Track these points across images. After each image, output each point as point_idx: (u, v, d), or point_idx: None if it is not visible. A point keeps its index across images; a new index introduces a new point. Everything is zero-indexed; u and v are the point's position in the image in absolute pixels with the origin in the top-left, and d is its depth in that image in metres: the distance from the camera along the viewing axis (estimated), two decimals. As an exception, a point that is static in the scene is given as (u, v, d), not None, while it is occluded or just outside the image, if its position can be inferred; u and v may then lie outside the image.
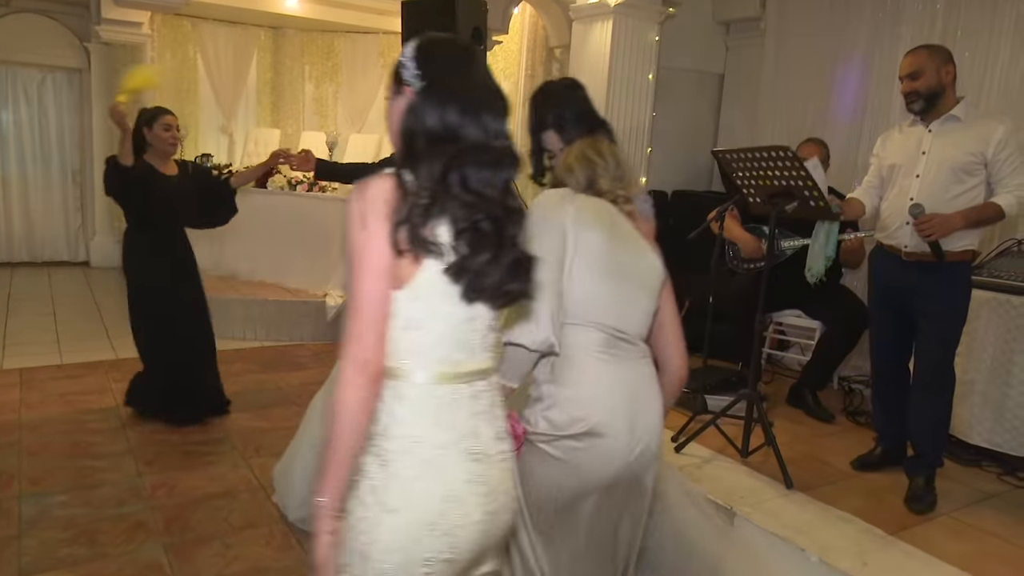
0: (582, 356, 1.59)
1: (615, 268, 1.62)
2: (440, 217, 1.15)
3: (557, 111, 2.11)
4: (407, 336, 1.18)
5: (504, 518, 1.26)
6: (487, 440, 1.23)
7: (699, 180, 5.21)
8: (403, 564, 1.15)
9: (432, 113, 1.19)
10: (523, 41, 6.79)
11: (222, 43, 8.27)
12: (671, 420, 3.44)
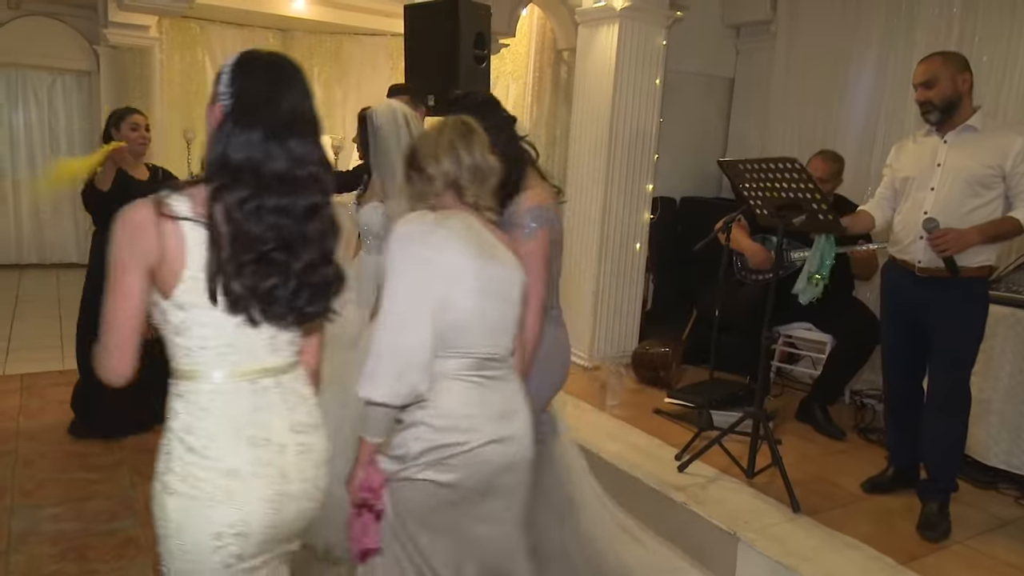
0: (451, 382, 1.60)
1: (487, 289, 1.61)
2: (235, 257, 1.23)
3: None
4: (182, 341, 1.28)
5: (303, 504, 1.36)
6: (278, 431, 1.33)
7: (708, 187, 5.11)
8: (195, 540, 1.27)
9: (236, 140, 1.23)
10: (531, 43, 6.71)
11: (230, 45, 8.24)
12: (675, 437, 3.36)
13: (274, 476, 1.31)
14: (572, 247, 4.50)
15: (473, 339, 1.61)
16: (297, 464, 1.35)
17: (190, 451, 1.27)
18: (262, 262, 1.25)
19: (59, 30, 7.66)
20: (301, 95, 1.31)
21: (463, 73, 4.08)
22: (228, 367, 1.30)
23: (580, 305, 4.41)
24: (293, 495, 1.34)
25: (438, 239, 1.57)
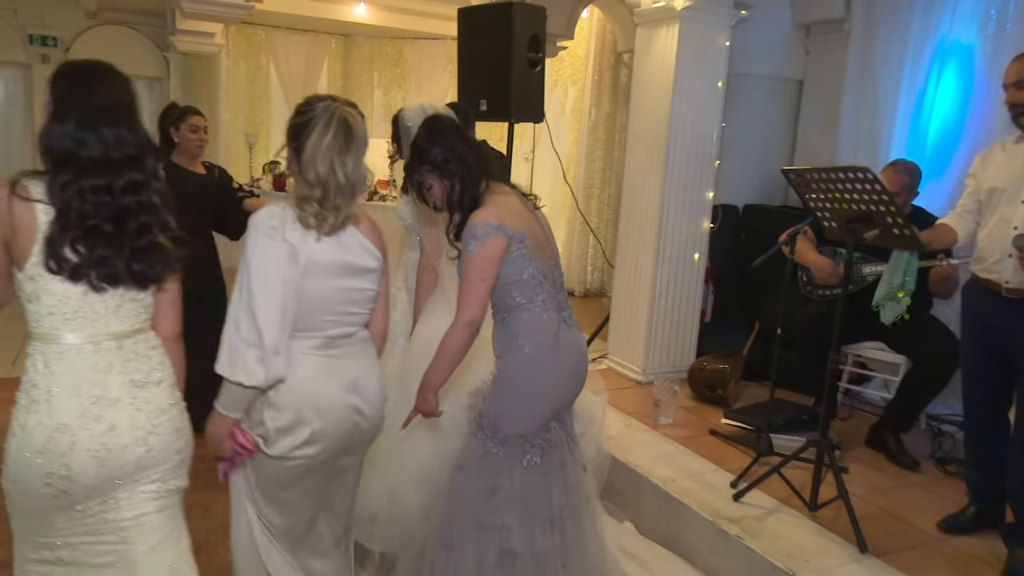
0: (300, 359, 1.75)
1: (335, 273, 1.76)
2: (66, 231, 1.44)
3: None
4: (34, 307, 1.48)
5: (136, 452, 1.53)
6: (113, 388, 1.52)
7: (773, 194, 4.85)
8: (28, 480, 1.47)
9: (55, 133, 1.45)
10: (590, 46, 6.56)
11: (294, 51, 8.37)
12: (731, 461, 3.17)
13: (101, 430, 1.50)
14: (626, 255, 4.33)
15: (321, 320, 1.77)
16: (131, 417, 1.53)
17: (33, 403, 1.48)
18: (90, 235, 1.45)
19: (133, 38, 7.93)
20: (114, 89, 1.55)
21: (516, 77, 3.97)
22: (74, 331, 1.49)
23: (634, 317, 4.24)
24: (123, 444, 1.52)
25: (291, 229, 1.70)
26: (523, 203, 2.03)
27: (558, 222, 7.18)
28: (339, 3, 7.42)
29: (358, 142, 1.76)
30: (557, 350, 1.99)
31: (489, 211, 1.92)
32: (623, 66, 6.53)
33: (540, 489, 2.02)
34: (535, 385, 1.98)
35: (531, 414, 1.99)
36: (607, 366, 4.45)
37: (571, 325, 2.06)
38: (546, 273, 1.98)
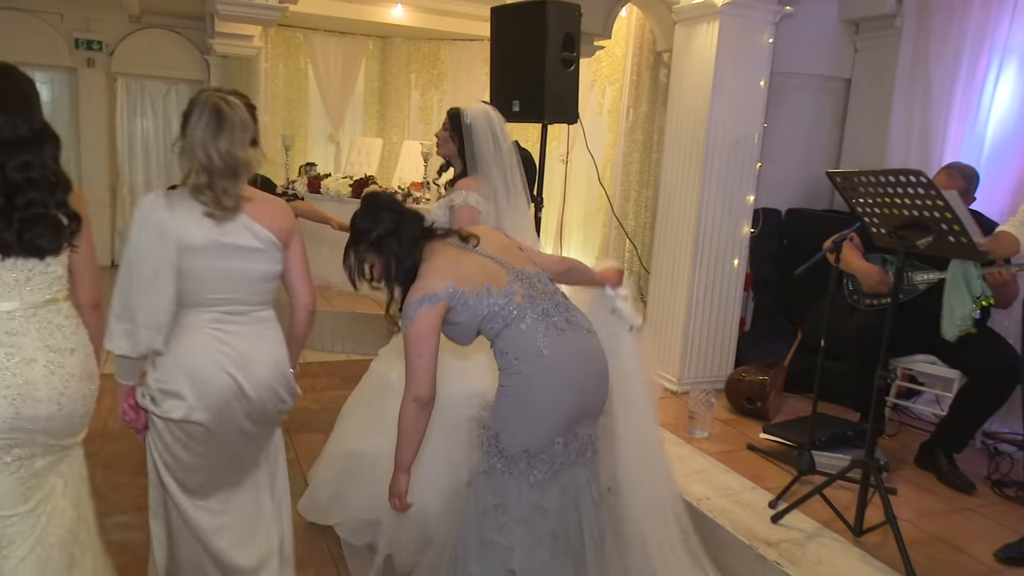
0: (188, 331, 1.91)
1: (221, 252, 1.88)
2: None
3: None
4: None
5: (49, 408, 1.74)
6: (29, 349, 1.72)
7: (818, 198, 4.66)
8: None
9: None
10: (629, 45, 6.42)
11: (332, 53, 8.40)
12: (770, 479, 3.01)
13: (17, 381, 1.70)
14: (662, 260, 4.19)
15: (208, 297, 1.90)
16: (46, 377, 1.73)
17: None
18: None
19: (174, 41, 8.04)
20: (12, 84, 1.78)
21: (550, 76, 3.87)
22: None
23: (670, 324, 4.10)
24: (38, 399, 1.72)
25: (175, 210, 1.85)
26: (458, 248, 1.98)
27: (594, 225, 7.05)
28: (376, 4, 7.41)
29: (231, 126, 1.84)
30: (544, 359, 1.89)
31: (419, 283, 1.92)
32: (663, 66, 6.37)
33: (548, 508, 1.94)
34: (529, 398, 1.91)
35: (529, 428, 1.92)
36: (641, 375, 4.31)
37: (564, 329, 1.94)
38: (509, 292, 1.93)
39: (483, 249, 1.97)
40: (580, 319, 2.01)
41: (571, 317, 1.99)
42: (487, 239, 2.01)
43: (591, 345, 2.00)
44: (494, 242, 2.02)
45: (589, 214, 7.19)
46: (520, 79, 4.01)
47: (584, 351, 1.97)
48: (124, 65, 7.90)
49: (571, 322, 1.97)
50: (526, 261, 2.03)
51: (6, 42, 7.41)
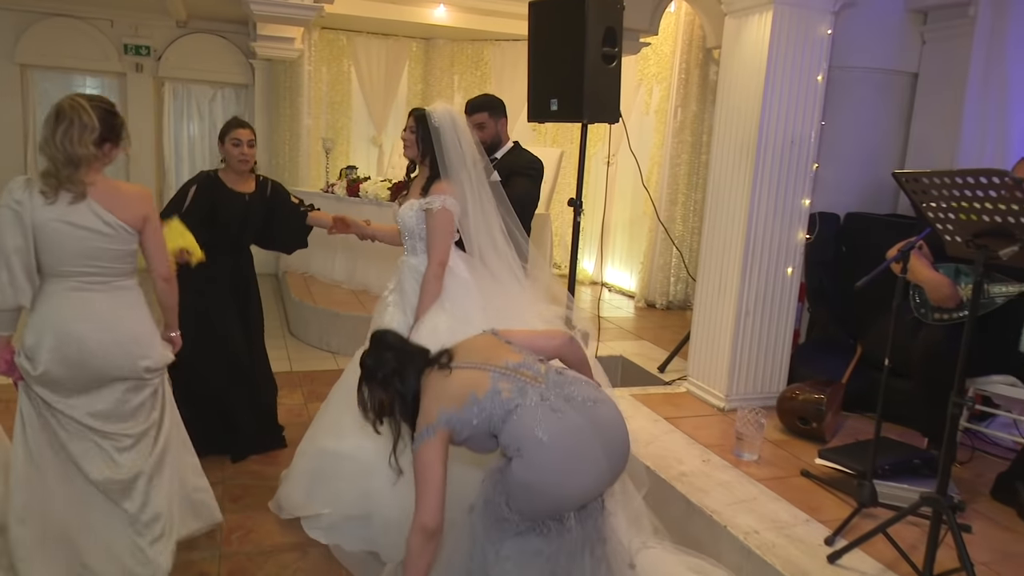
0: (52, 294, 2.26)
1: (73, 231, 2.22)
2: None
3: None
4: None
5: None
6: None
7: (880, 202, 4.32)
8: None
9: None
10: (677, 42, 6.16)
11: (375, 55, 8.35)
12: (826, 510, 2.74)
13: None
14: (709, 267, 3.94)
15: (66, 268, 2.25)
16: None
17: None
18: None
19: (220, 46, 8.08)
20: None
21: (590, 73, 3.67)
22: None
23: (717, 336, 3.84)
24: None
25: (32, 192, 2.19)
26: (440, 371, 2.00)
27: (639, 230, 6.80)
28: (419, 5, 7.32)
29: (68, 123, 2.18)
30: (543, 446, 1.86)
31: (419, 418, 1.96)
32: (713, 63, 6.10)
33: (546, 552, 1.93)
34: (533, 485, 1.88)
35: (533, 508, 1.91)
36: (686, 389, 4.06)
37: (561, 410, 1.89)
38: (495, 392, 1.91)
39: (460, 361, 1.99)
40: (582, 391, 1.97)
41: (570, 393, 1.94)
42: (465, 349, 2.04)
43: (600, 416, 1.94)
44: (473, 349, 2.04)
45: (634, 218, 6.94)
46: (559, 76, 3.82)
47: (590, 426, 1.91)
48: (171, 70, 7.98)
49: (570, 399, 1.92)
50: (509, 354, 2.01)
51: (59, 48, 7.56)
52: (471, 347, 2.05)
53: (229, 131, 3.33)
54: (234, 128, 3.34)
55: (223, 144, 3.33)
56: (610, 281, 7.35)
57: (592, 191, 7.29)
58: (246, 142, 3.32)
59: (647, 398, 3.92)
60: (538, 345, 2.13)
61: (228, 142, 3.31)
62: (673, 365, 4.45)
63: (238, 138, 3.30)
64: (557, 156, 6.17)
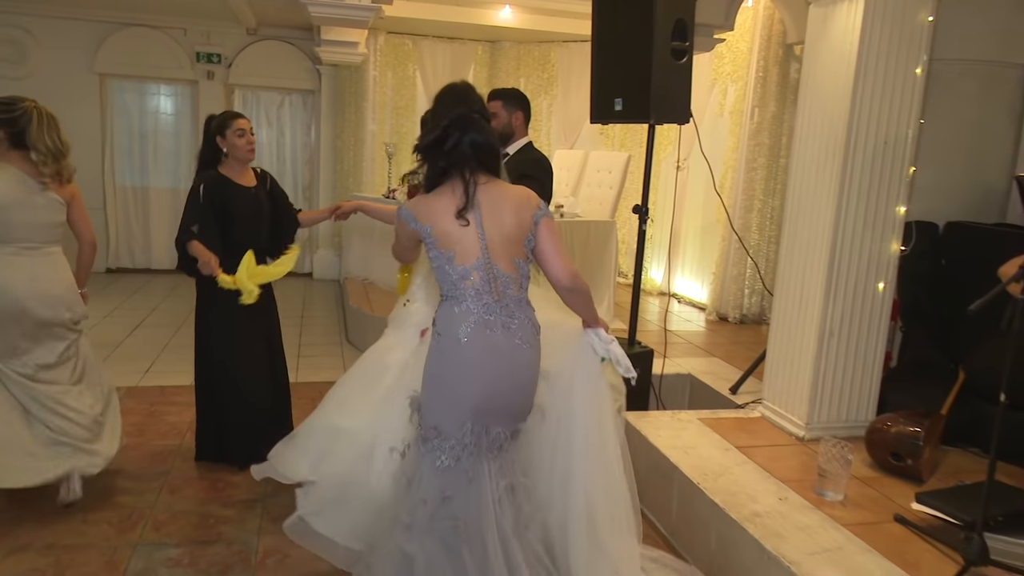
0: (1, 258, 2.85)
1: (20, 204, 2.84)
2: None
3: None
4: None
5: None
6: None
7: (987, 209, 3.86)
8: None
9: None
10: (755, 39, 5.78)
11: (440, 59, 8.25)
12: (926, 566, 2.37)
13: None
14: (789, 281, 3.58)
15: (11, 236, 2.83)
16: None
17: None
18: None
19: (288, 52, 8.14)
20: None
21: (658, 70, 3.39)
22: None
23: (797, 357, 3.48)
24: None
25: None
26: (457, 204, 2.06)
27: (711, 238, 6.42)
28: (484, 7, 7.16)
29: (57, 124, 2.95)
30: (460, 347, 2.05)
31: (420, 199, 2.12)
32: (794, 60, 5.69)
33: (452, 496, 2.07)
34: (440, 375, 2.09)
35: (439, 405, 2.09)
36: (760, 414, 3.71)
37: (494, 330, 2.05)
38: (465, 273, 2.05)
39: (482, 224, 2.06)
40: (523, 331, 2.10)
41: (512, 324, 2.07)
42: (494, 215, 2.07)
43: (518, 354, 2.09)
44: (499, 224, 2.07)
45: (706, 226, 6.57)
46: (624, 74, 3.56)
47: (507, 355, 2.07)
48: (241, 77, 8.08)
49: (508, 328, 2.07)
50: (509, 262, 2.08)
51: (136, 57, 7.75)
52: (498, 218, 2.08)
53: (229, 122, 3.25)
54: (234, 119, 3.26)
55: (224, 137, 3.24)
56: (679, 292, 6.99)
57: (661, 197, 6.96)
58: (249, 130, 3.28)
59: (717, 423, 3.59)
60: (554, 270, 2.14)
61: (231, 134, 3.23)
62: (747, 386, 4.10)
63: (242, 128, 3.24)
64: (624, 160, 5.88)
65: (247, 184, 3.33)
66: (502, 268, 2.07)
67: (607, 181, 5.92)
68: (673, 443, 3.30)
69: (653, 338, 4.94)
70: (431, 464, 2.07)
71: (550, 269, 2.13)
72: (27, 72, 7.52)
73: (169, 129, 8.11)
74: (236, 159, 3.28)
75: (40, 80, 7.54)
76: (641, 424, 3.50)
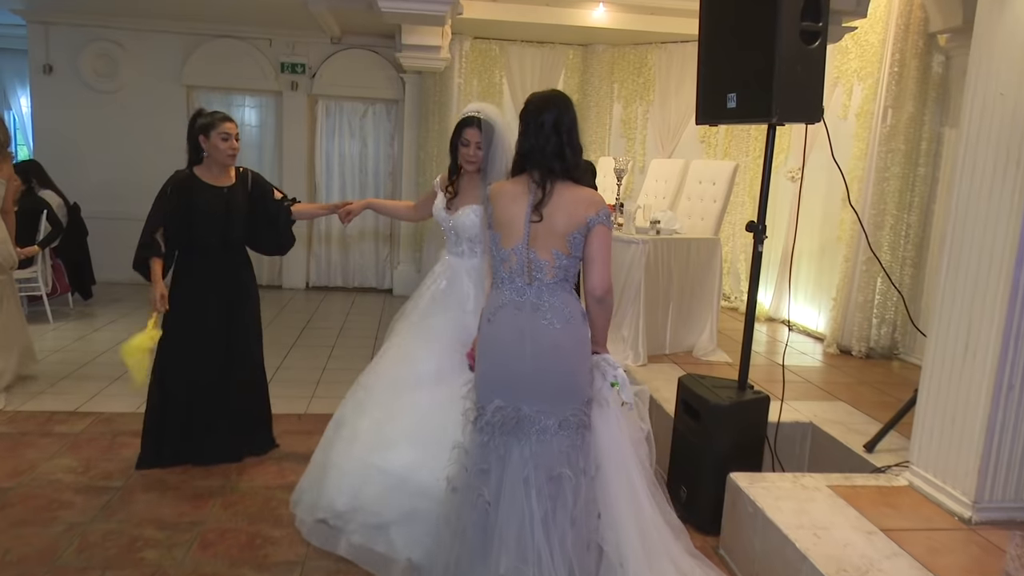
0: None
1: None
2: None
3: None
4: None
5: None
6: None
7: None
8: None
9: None
10: (889, 28, 4.98)
11: (528, 65, 7.80)
12: None
13: None
14: (948, 316, 2.85)
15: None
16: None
17: None
18: None
19: (372, 61, 7.89)
20: None
21: (784, 57, 2.76)
22: None
23: (960, 412, 2.75)
24: None
25: None
26: (518, 194, 2.20)
27: (831, 259, 5.62)
28: (576, 6, 6.65)
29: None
30: (488, 325, 2.24)
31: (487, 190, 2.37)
32: (937, 52, 4.87)
33: (489, 471, 2.18)
34: (479, 353, 2.28)
35: (478, 380, 2.28)
36: (908, 482, 2.98)
37: (521, 310, 2.18)
38: (505, 256, 2.20)
39: (545, 220, 2.15)
40: (553, 312, 2.16)
41: (542, 305, 2.16)
42: (549, 209, 2.14)
43: (544, 333, 2.16)
44: (548, 216, 2.14)
45: (824, 245, 5.76)
46: (740, 64, 2.95)
47: (529, 333, 2.16)
48: (324, 87, 7.89)
49: (537, 309, 2.16)
50: (547, 250, 2.16)
51: (221, 69, 7.69)
52: (553, 217, 2.14)
53: (216, 125, 3.22)
54: (222, 122, 3.24)
55: (208, 138, 3.24)
56: (790, 318, 6.19)
57: (770, 211, 6.19)
58: (234, 135, 3.27)
59: (853, 493, 2.88)
60: (595, 275, 2.18)
61: (216, 135, 3.22)
62: (887, 442, 3.35)
63: (227, 132, 3.23)
64: (730, 170, 5.20)
65: (220, 184, 3.32)
66: (538, 254, 2.17)
67: (711, 193, 5.25)
68: (799, 520, 2.63)
69: (761, 374, 4.24)
70: (476, 437, 2.24)
71: (589, 274, 2.19)
72: (117, 86, 7.58)
73: (253, 142, 8.00)
74: (215, 161, 3.29)
75: (130, 93, 7.59)
76: (756, 491, 2.84)
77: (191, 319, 3.33)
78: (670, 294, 4.77)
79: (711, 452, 3.13)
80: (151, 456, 3.43)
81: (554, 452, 2.17)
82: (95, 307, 6.71)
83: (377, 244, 8.34)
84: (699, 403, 3.19)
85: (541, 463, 2.16)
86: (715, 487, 3.05)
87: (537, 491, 2.14)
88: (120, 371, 4.88)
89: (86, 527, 2.89)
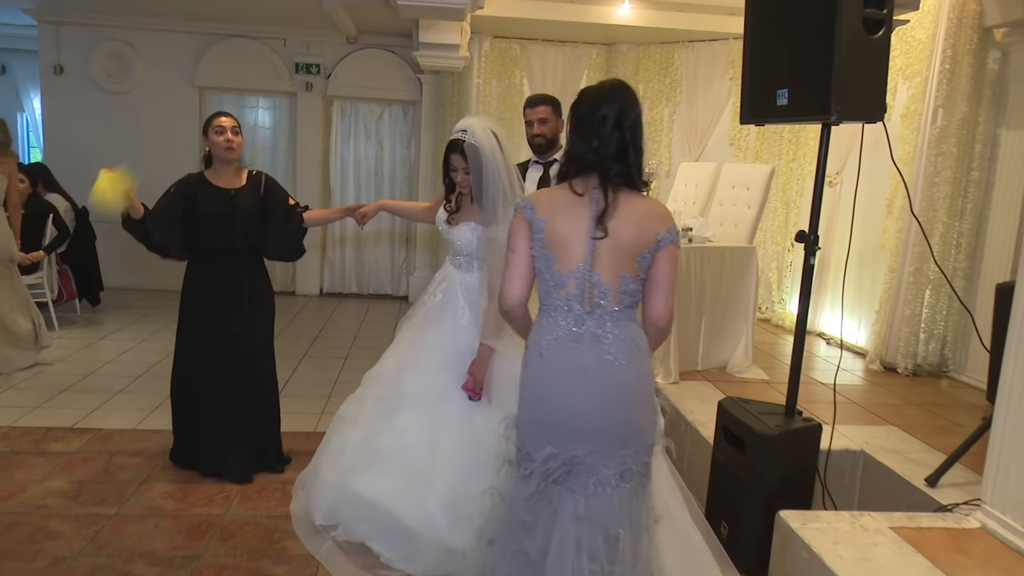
0: None
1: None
2: None
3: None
4: None
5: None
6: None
7: None
8: None
9: None
10: (940, 23, 4.65)
11: (550, 65, 7.53)
12: None
13: None
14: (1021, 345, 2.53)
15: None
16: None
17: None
18: None
19: (389, 62, 7.67)
20: None
21: (843, 47, 2.46)
22: None
23: None
24: None
25: None
26: (577, 209, 1.91)
27: (873, 268, 5.28)
28: (600, 3, 6.38)
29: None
30: (540, 361, 1.94)
31: (541, 191, 2.23)
32: (993, 48, 4.54)
33: (531, 524, 1.93)
34: (521, 392, 2.00)
35: (523, 421, 1.99)
36: (980, 524, 2.65)
37: (579, 342, 1.89)
38: (562, 281, 1.90)
39: (611, 236, 1.87)
40: (616, 347, 1.88)
41: (604, 338, 1.89)
42: (613, 224, 1.86)
43: (607, 371, 1.89)
44: (615, 232, 1.86)
45: (865, 253, 5.43)
46: (792, 57, 2.65)
47: (591, 372, 1.89)
48: (340, 88, 7.68)
49: (599, 342, 1.89)
50: (613, 273, 1.89)
51: (234, 70, 7.49)
52: (618, 233, 1.86)
53: (211, 120, 3.20)
54: (216, 116, 3.20)
55: (207, 136, 3.21)
56: (828, 331, 5.86)
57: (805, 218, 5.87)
58: (230, 129, 3.19)
59: (920, 537, 2.56)
60: (657, 302, 1.93)
61: (211, 131, 3.18)
62: (951, 475, 3.03)
63: (221, 125, 3.17)
64: (766, 174, 4.89)
65: (228, 186, 3.25)
66: (602, 278, 1.89)
67: (744, 199, 4.94)
68: (861, 570, 2.32)
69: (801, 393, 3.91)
70: (514, 486, 1.99)
71: (654, 302, 1.93)
72: (129, 87, 7.41)
73: (267, 144, 7.80)
74: (217, 158, 3.23)
75: (141, 94, 7.41)
76: (810, 533, 2.53)
77: (197, 324, 3.31)
78: (703, 306, 4.47)
79: (757, 486, 2.83)
80: (177, 453, 3.51)
81: (614, 507, 1.91)
82: (103, 314, 6.52)
83: (393, 249, 8.10)
84: (743, 431, 2.89)
85: (598, 521, 1.90)
86: (761, 524, 2.76)
87: (590, 556, 1.88)
88: (123, 384, 4.68)
89: (71, 562, 2.64)
